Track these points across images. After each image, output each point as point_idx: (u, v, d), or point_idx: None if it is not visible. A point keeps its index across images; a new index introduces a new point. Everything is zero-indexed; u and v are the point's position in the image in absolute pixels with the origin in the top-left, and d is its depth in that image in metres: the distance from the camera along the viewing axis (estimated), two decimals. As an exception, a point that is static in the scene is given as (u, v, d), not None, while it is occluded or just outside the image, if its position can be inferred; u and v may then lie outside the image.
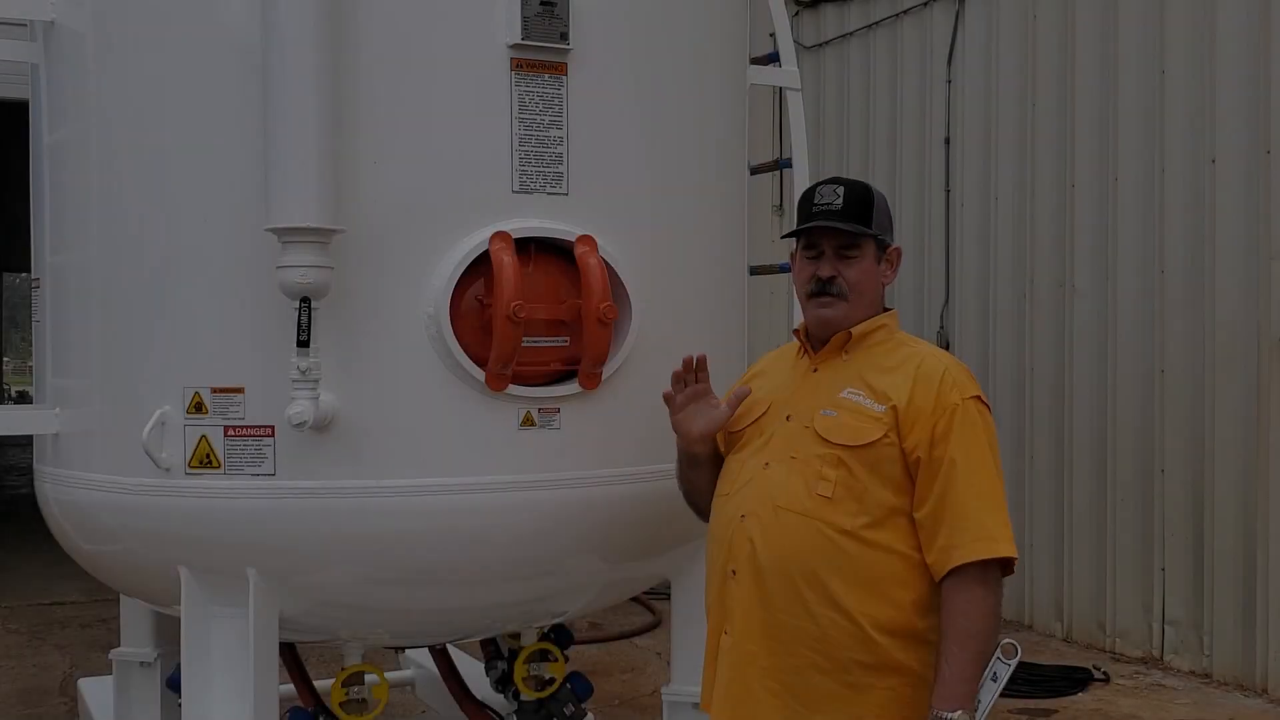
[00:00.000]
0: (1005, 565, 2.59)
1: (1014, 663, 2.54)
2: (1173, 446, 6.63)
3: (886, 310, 2.82)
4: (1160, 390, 6.69)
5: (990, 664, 2.54)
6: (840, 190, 2.74)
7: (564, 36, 3.15)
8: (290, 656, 3.86)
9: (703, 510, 2.97)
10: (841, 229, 2.72)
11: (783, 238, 2.99)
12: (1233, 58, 6.32)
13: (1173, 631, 6.67)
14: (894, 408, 2.62)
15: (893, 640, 2.59)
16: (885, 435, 2.61)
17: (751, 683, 2.66)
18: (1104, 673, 6.56)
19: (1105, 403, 7.02)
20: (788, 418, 2.74)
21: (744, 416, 2.85)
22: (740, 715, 2.69)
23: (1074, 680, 6.42)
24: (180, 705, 3.26)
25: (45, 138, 3.53)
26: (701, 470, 2.93)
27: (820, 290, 2.75)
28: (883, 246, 2.79)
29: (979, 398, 2.67)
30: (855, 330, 2.75)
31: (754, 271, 3.92)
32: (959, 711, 2.50)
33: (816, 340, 2.81)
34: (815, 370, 2.78)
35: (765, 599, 2.64)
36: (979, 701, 2.52)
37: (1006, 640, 2.56)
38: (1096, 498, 7.09)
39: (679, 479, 3.03)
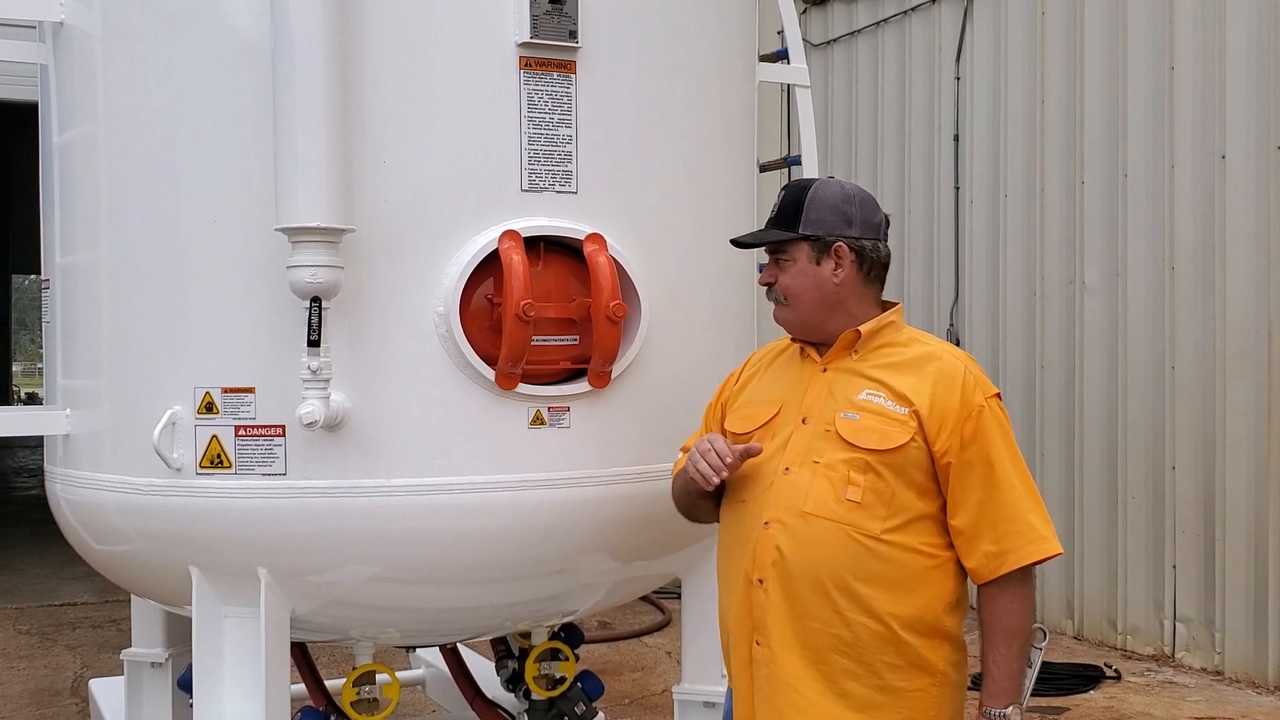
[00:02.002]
0: None
1: (1044, 645, 2.64)
2: (1183, 444, 6.62)
3: (891, 305, 2.78)
4: (1171, 387, 6.68)
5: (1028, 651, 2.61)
6: (782, 195, 2.76)
7: (573, 35, 3.15)
8: (301, 656, 3.87)
9: (701, 520, 2.97)
10: (745, 242, 2.86)
11: (731, 242, 3.02)
12: (1242, 53, 6.31)
13: (1184, 629, 6.66)
14: (915, 411, 2.59)
15: (921, 640, 2.59)
16: (912, 439, 2.58)
17: (792, 694, 2.62)
18: (1115, 670, 6.55)
19: (1116, 400, 7.01)
20: (804, 420, 2.70)
21: (752, 419, 2.80)
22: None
23: (1086, 678, 6.41)
24: (191, 706, 3.26)
25: (54, 139, 3.53)
26: (708, 500, 2.85)
27: (771, 296, 2.79)
28: (826, 245, 2.71)
29: (998, 395, 2.66)
30: (865, 329, 2.70)
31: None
32: (1011, 707, 2.57)
33: (820, 344, 2.77)
34: (825, 370, 2.73)
35: (796, 607, 2.61)
36: (1022, 690, 2.60)
37: (1036, 625, 2.64)
38: (1107, 495, 7.08)
39: (676, 493, 2.95)
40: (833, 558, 2.58)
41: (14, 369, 33.79)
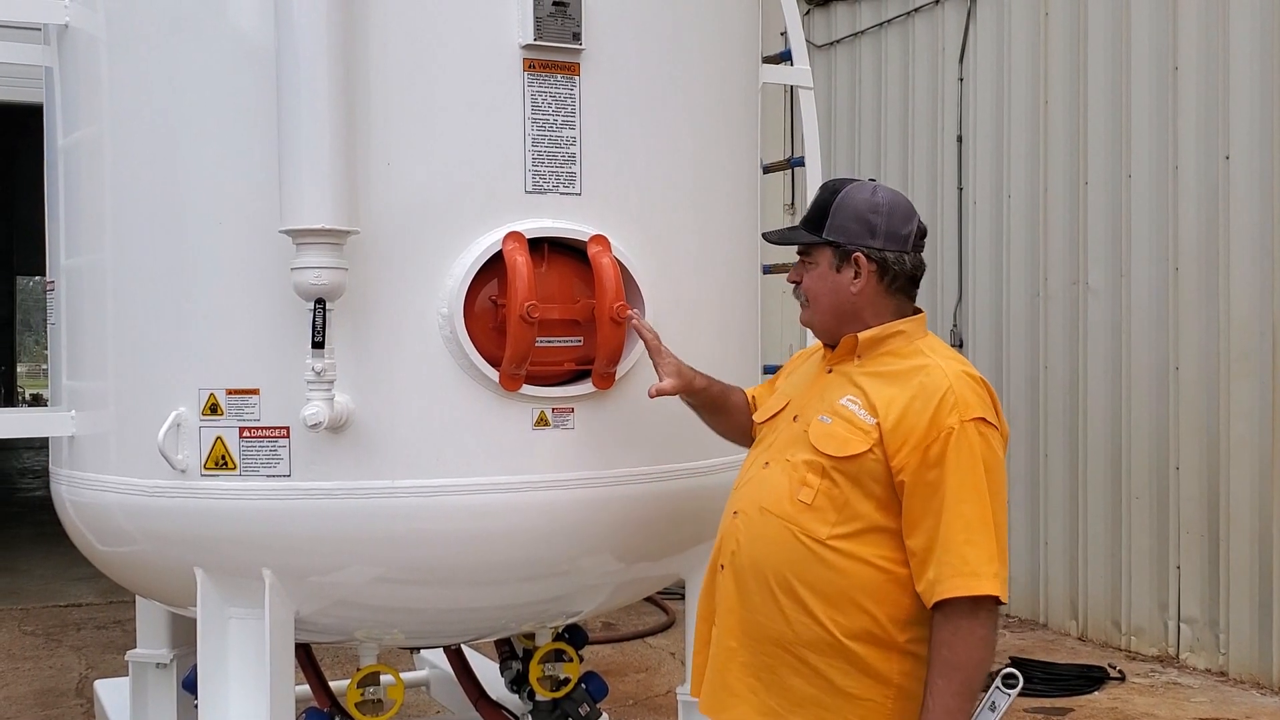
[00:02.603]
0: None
1: (1014, 693, 2.47)
2: (1187, 444, 6.61)
3: (917, 312, 2.72)
4: (1175, 387, 6.68)
5: (989, 693, 2.48)
6: (817, 193, 2.75)
7: (576, 37, 3.15)
8: (305, 657, 3.87)
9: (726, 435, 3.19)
10: (773, 239, 2.85)
11: (765, 237, 3.06)
12: (1246, 53, 6.31)
13: (1188, 629, 6.65)
14: (879, 424, 2.53)
15: (869, 649, 2.53)
16: (870, 450, 2.53)
17: (730, 678, 2.67)
18: (1120, 671, 6.55)
19: (1119, 400, 7.00)
20: (795, 418, 2.73)
21: (768, 409, 2.88)
22: (717, 705, 2.70)
23: (1090, 679, 6.41)
24: (196, 707, 3.26)
25: (59, 141, 3.54)
26: (705, 417, 3.15)
27: (796, 295, 2.78)
28: (846, 253, 2.67)
29: (983, 419, 2.53)
30: (863, 337, 2.67)
31: (767, 270, 3.92)
32: None
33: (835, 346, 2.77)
34: (829, 371, 2.75)
35: (744, 598, 2.65)
36: None
37: (1009, 669, 2.50)
38: (1111, 496, 7.07)
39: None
40: (778, 556, 2.60)
41: (19, 370, 33.82)
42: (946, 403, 2.52)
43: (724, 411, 3.12)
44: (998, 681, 2.49)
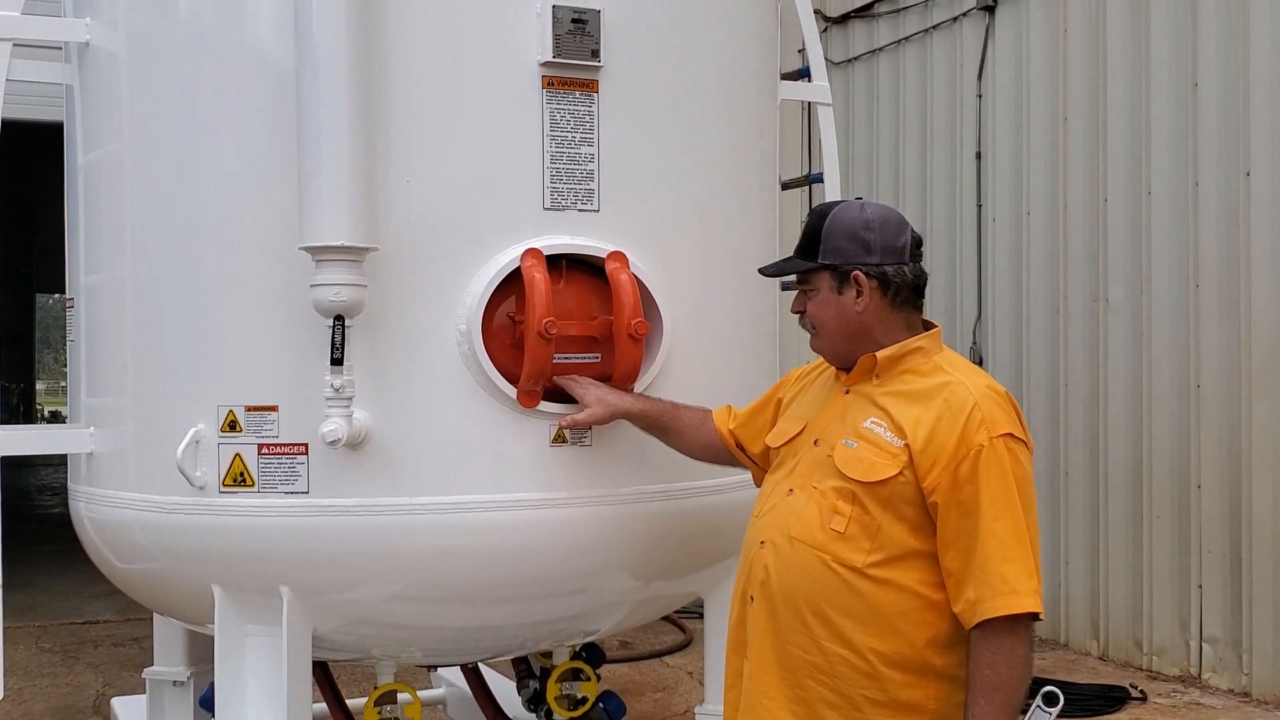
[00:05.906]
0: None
1: (1055, 711, 2.45)
2: (1209, 462, 6.57)
3: (929, 329, 2.69)
4: (1196, 405, 6.63)
5: (1030, 712, 2.46)
6: (806, 220, 2.71)
7: (595, 54, 3.15)
8: (323, 675, 3.86)
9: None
10: (768, 272, 2.86)
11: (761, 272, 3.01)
12: (1266, 70, 6.28)
13: (1210, 649, 6.60)
14: (908, 445, 2.50)
15: (905, 676, 2.50)
16: (900, 473, 2.49)
17: (765, 713, 2.62)
18: (1141, 691, 6.49)
19: (1140, 418, 6.96)
20: (815, 442, 2.68)
21: (783, 433, 2.82)
22: None
23: (1111, 699, 6.35)
24: (214, 724, 3.26)
25: (79, 158, 3.56)
26: (658, 437, 3.16)
27: (802, 324, 2.75)
28: (845, 274, 2.63)
29: (1010, 434, 2.50)
30: (882, 356, 2.63)
31: (785, 287, 3.91)
32: None
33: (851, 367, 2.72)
34: (847, 391, 2.70)
35: (777, 629, 2.60)
36: None
37: (1049, 688, 2.48)
38: (1132, 514, 7.02)
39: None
40: (811, 585, 2.55)
41: (38, 387, 33.96)
42: (974, 420, 2.49)
43: (674, 432, 3.12)
44: (1038, 700, 2.47)
